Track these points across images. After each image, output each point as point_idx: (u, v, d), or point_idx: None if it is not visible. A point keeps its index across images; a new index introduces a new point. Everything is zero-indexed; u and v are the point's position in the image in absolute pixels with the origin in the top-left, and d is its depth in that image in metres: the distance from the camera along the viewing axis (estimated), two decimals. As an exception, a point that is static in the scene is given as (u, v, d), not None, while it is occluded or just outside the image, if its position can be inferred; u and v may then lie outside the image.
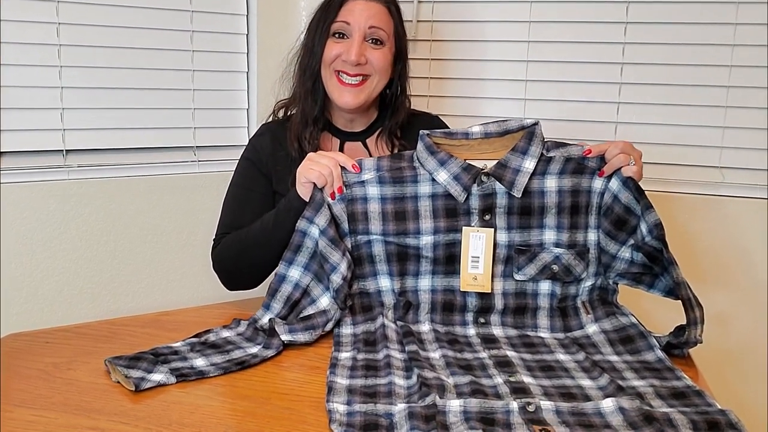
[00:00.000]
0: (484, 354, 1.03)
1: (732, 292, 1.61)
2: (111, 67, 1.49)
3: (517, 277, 1.13)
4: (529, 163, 1.11)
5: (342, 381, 0.94)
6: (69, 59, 1.44)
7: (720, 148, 1.58)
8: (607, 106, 1.63)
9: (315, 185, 1.12)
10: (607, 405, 0.85)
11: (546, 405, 0.86)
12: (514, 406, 0.85)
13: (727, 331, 1.62)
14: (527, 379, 0.94)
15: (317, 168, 1.11)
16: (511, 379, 0.93)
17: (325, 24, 1.28)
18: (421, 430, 0.80)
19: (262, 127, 1.39)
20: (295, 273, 1.12)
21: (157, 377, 0.94)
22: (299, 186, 1.13)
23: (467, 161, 1.12)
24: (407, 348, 1.01)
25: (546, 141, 1.13)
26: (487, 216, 1.12)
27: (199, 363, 0.99)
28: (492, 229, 1.12)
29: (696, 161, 1.60)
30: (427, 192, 1.12)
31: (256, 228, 1.19)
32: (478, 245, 1.12)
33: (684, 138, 1.60)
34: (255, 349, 1.04)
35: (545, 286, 1.13)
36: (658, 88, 1.59)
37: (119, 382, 0.94)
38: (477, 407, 0.85)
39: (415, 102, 1.45)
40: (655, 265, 1.09)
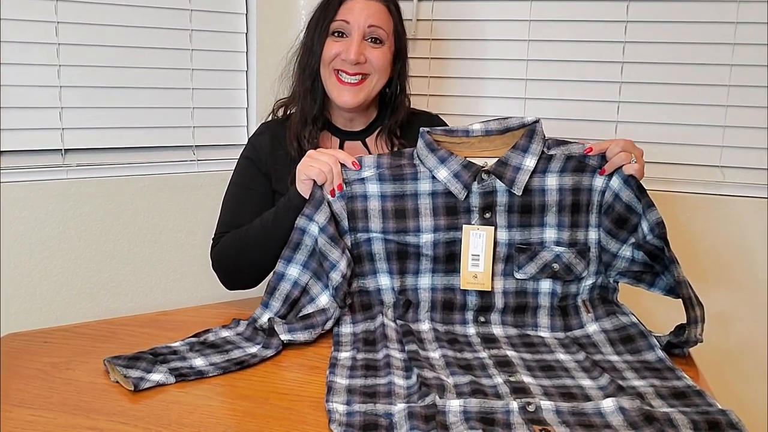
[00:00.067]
0: (484, 354, 1.02)
1: (732, 291, 1.61)
2: (110, 66, 1.49)
3: (518, 276, 1.12)
4: (530, 161, 1.10)
5: (341, 381, 0.94)
6: (68, 58, 1.44)
7: (720, 147, 1.58)
8: (608, 105, 1.62)
9: (315, 182, 1.11)
10: (608, 405, 0.85)
11: (546, 405, 0.85)
12: (514, 406, 0.85)
13: (728, 331, 1.61)
14: (527, 379, 0.94)
15: (317, 165, 1.11)
16: (511, 379, 0.93)
17: (325, 23, 1.28)
18: (421, 430, 0.80)
19: (261, 126, 1.38)
20: (294, 271, 1.11)
21: (156, 377, 0.94)
22: (299, 183, 1.13)
23: (468, 159, 1.12)
24: (407, 348, 1.01)
25: (547, 139, 1.13)
26: (488, 214, 1.12)
27: (198, 363, 0.99)
28: (492, 227, 1.11)
29: (696, 160, 1.60)
30: (428, 190, 1.12)
31: (255, 226, 1.19)
32: (478, 243, 1.11)
33: (684, 137, 1.59)
34: (254, 349, 1.03)
35: (546, 284, 1.13)
36: (658, 87, 1.59)
37: (118, 381, 0.94)
38: (477, 407, 0.85)
39: (415, 101, 1.44)
40: (656, 264, 1.09)
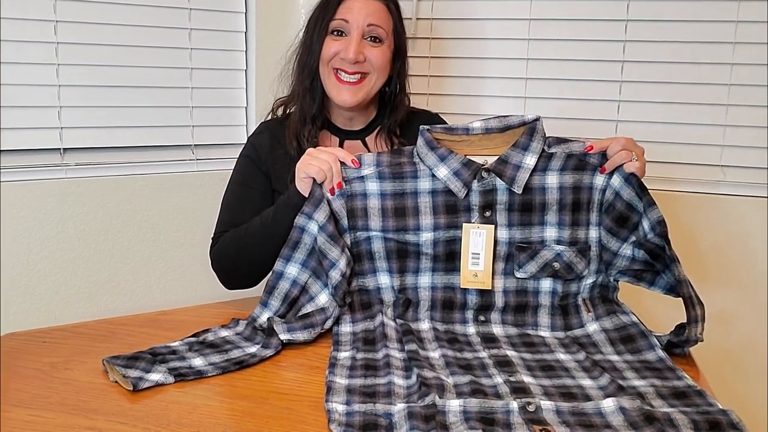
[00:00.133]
0: (484, 353, 1.02)
1: (733, 290, 1.60)
2: (109, 65, 1.49)
3: (518, 275, 1.12)
4: (530, 159, 1.10)
5: (341, 381, 0.94)
6: (66, 57, 1.44)
7: (721, 146, 1.58)
8: (608, 104, 1.62)
9: (314, 181, 1.11)
10: (608, 405, 0.85)
11: (546, 405, 0.85)
12: (514, 405, 0.85)
13: (728, 330, 1.61)
14: (527, 379, 0.93)
15: (316, 163, 1.11)
16: (511, 379, 0.93)
17: (324, 21, 1.28)
18: (421, 430, 0.79)
19: (260, 126, 1.38)
20: (293, 270, 1.11)
21: (155, 377, 0.94)
22: (298, 181, 1.12)
23: (467, 157, 1.12)
24: (407, 347, 1.01)
25: (547, 137, 1.12)
26: (488, 212, 1.11)
27: (198, 362, 0.98)
28: (492, 226, 1.11)
29: (697, 159, 1.60)
30: (427, 188, 1.12)
31: (255, 225, 1.19)
32: (478, 242, 1.11)
33: (685, 136, 1.59)
34: (253, 349, 1.03)
35: (546, 283, 1.12)
36: (658, 86, 1.59)
37: (117, 381, 0.94)
38: (477, 407, 0.84)
39: (415, 100, 1.44)
40: (657, 263, 1.08)
